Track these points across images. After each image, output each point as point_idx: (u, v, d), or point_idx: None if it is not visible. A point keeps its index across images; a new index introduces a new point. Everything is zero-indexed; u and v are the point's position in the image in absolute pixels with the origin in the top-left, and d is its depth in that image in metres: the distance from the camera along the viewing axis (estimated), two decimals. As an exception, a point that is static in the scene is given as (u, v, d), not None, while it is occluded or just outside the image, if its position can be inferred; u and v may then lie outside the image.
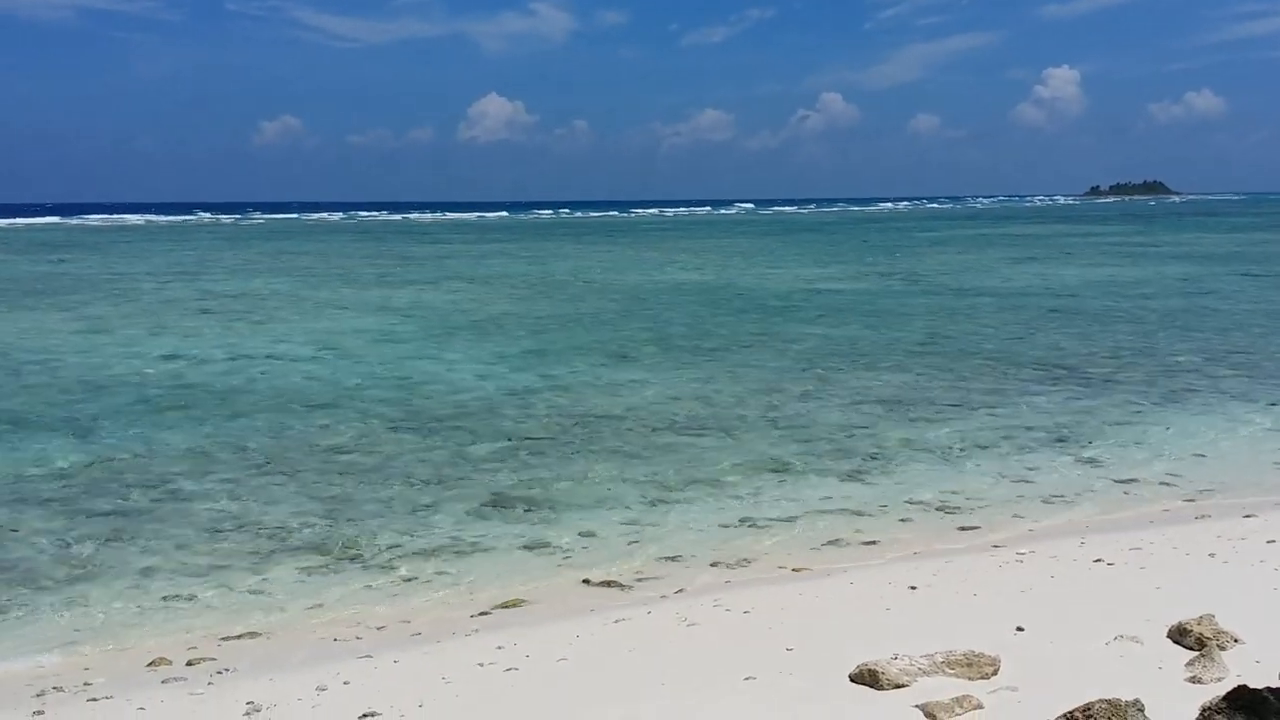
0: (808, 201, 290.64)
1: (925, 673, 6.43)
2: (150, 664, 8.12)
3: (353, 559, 10.50)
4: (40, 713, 7.06)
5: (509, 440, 15.14)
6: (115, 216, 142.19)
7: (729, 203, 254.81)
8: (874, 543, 10.81)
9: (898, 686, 6.32)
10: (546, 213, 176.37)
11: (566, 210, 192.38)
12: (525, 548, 10.80)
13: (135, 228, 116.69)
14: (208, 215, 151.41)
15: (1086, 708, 4.81)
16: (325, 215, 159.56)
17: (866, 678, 6.44)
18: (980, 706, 5.97)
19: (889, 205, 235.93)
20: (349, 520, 11.63)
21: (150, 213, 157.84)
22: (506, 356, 22.88)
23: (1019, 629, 7.38)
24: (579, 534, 11.17)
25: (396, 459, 14.14)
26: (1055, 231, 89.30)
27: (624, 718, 6.21)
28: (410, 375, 20.57)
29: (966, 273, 45.16)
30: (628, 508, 12.06)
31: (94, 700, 7.27)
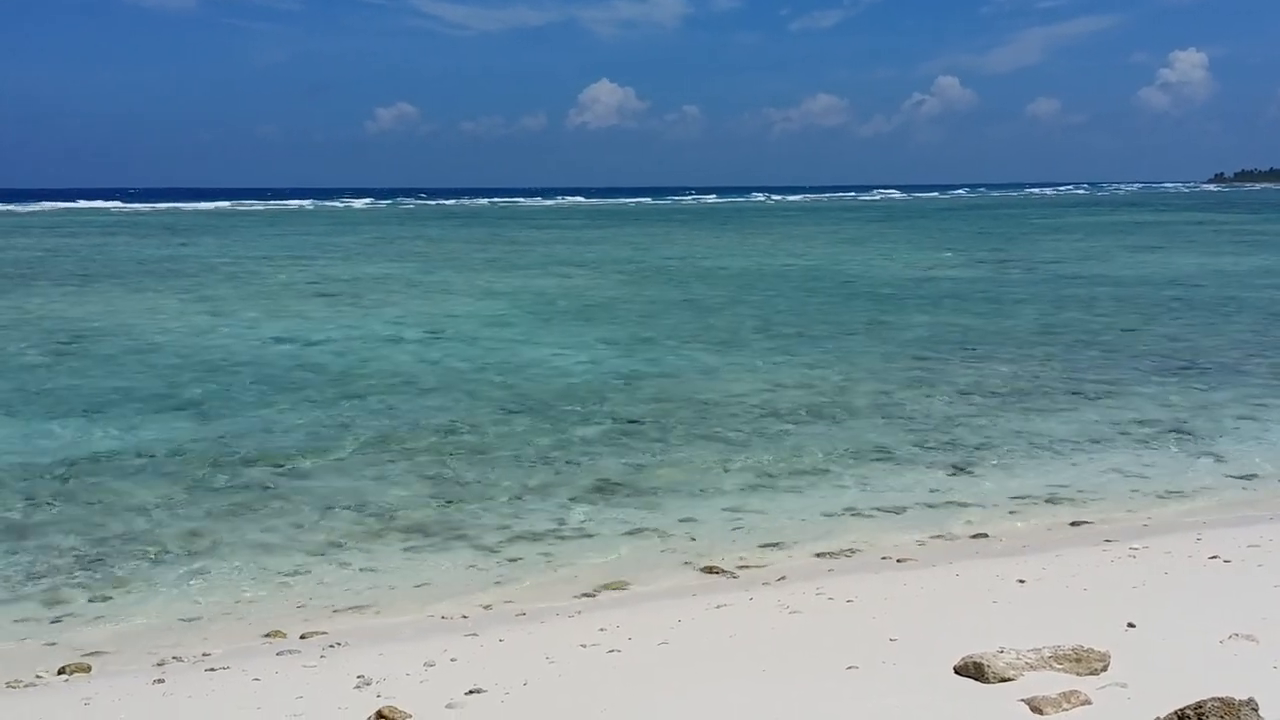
0: (953, 187, 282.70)
1: (1032, 667, 6.32)
2: (265, 636, 8.39)
3: (460, 539, 10.69)
4: (161, 681, 7.33)
5: (614, 425, 15.25)
6: (279, 202, 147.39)
7: (869, 188, 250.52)
8: (982, 535, 10.67)
9: (1003, 680, 6.23)
10: (655, 200, 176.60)
11: (680, 197, 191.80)
12: (629, 532, 10.88)
13: (295, 212, 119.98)
14: (361, 201, 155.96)
15: (1199, 705, 4.71)
16: (467, 201, 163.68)
17: (971, 670, 6.36)
18: (1088, 702, 5.86)
19: (1035, 191, 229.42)
20: (457, 501, 11.84)
21: (269, 198, 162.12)
22: (613, 341, 23.02)
23: (1130, 625, 7.22)
24: (682, 519, 11.22)
25: (504, 442, 14.34)
26: (1177, 219, 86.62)
27: (724, 703, 6.23)
28: (518, 359, 20.82)
29: (1083, 260, 44.10)
30: (731, 494, 12.07)
31: (212, 670, 7.51)
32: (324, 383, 18.43)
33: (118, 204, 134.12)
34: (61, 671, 7.71)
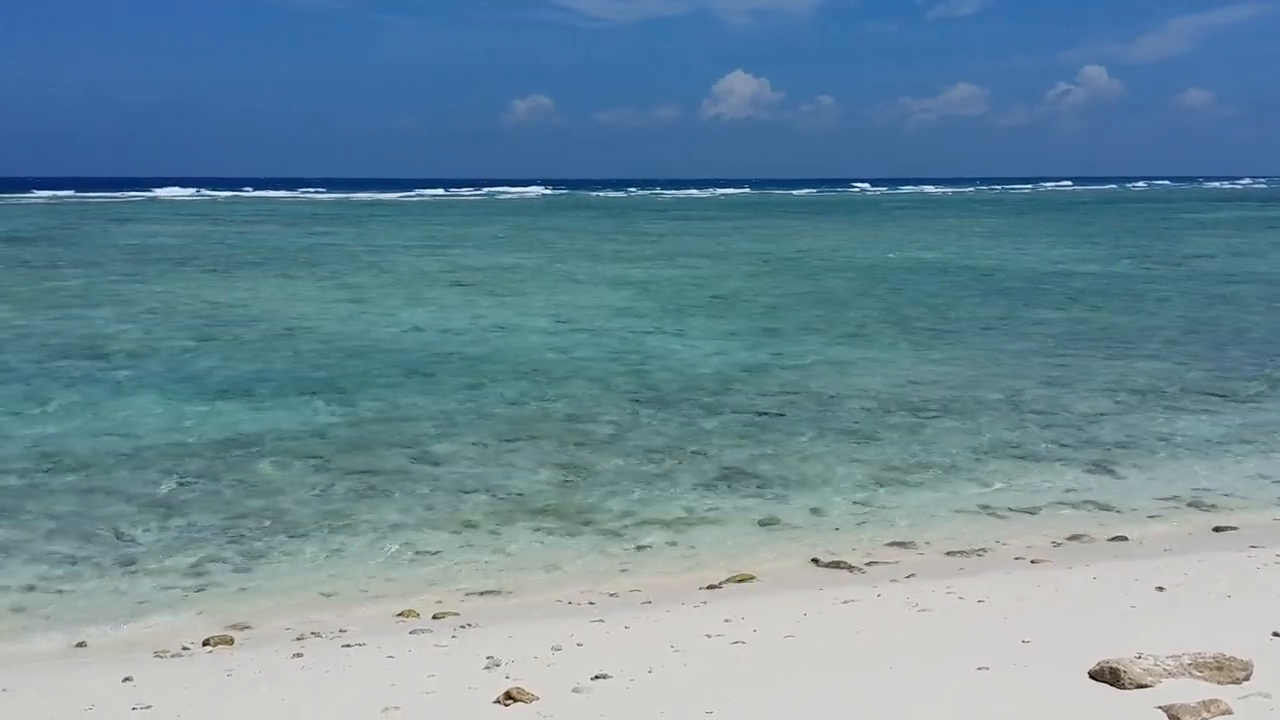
0: (1130, 179, 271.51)
1: (1170, 674, 6.14)
2: (399, 615, 8.61)
3: (588, 525, 10.80)
4: (300, 655, 7.57)
5: (742, 416, 15.22)
6: (444, 192, 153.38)
7: (1041, 179, 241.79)
8: (1121, 538, 10.38)
9: (1140, 686, 6.06)
10: (794, 191, 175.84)
11: (811, 190, 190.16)
12: (756, 523, 10.87)
13: (446, 202, 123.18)
14: (541, 190, 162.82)
15: (1349, 722, 4.51)
16: (638, 191, 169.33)
17: (1107, 675, 6.20)
18: (1229, 712, 5.67)
19: (1218, 184, 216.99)
20: (585, 488, 11.97)
21: (411, 189, 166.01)
22: (741, 333, 22.97)
23: (1275, 634, 6.95)
24: (809, 512, 11.16)
25: (631, 430, 14.43)
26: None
27: (850, 700, 6.18)
28: (646, 349, 20.91)
29: (1233, 257, 42.45)
30: (860, 488, 11.96)
31: (348, 646, 7.74)
32: (457, 369, 18.78)
33: (306, 192, 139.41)
34: (206, 643, 8.02)
